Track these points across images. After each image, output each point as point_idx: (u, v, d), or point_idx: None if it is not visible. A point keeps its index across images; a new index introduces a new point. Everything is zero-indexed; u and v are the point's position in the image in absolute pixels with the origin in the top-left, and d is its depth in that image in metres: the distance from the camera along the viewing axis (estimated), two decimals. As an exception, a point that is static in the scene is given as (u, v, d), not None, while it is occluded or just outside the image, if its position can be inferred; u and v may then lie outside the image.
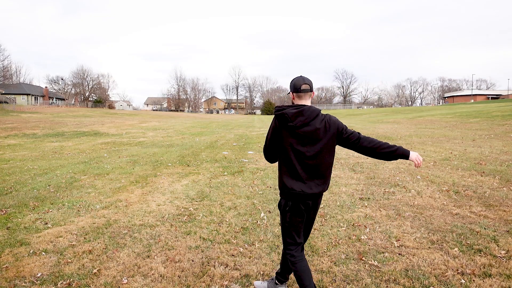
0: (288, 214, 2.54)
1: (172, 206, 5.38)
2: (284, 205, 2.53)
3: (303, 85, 2.51)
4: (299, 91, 2.52)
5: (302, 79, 2.54)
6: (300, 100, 2.54)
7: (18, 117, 30.69)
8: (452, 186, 6.23)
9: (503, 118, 19.95)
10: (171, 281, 3.11)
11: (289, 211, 2.53)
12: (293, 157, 2.47)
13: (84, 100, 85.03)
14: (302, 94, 2.53)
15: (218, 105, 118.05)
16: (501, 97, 70.44)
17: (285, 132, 2.46)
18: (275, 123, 2.51)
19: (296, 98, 2.56)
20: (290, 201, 2.51)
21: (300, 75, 2.57)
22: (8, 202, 5.67)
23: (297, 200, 2.50)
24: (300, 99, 2.54)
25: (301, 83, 2.51)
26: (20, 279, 3.16)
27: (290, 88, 2.58)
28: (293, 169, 2.48)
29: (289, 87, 2.61)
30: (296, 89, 2.52)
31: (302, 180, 2.48)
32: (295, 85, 2.53)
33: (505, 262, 3.31)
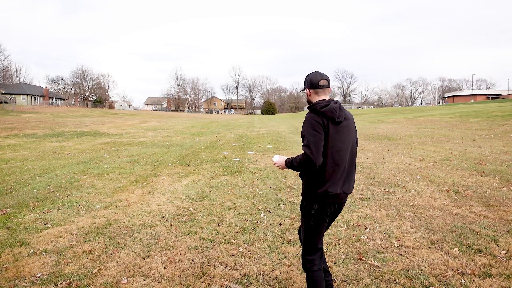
0: (313, 218, 2.37)
1: (172, 206, 5.38)
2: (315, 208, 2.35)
3: (321, 81, 2.39)
4: (318, 87, 2.38)
5: (319, 74, 2.41)
6: (318, 96, 2.40)
7: (18, 117, 30.69)
8: (452, 186, 6.23)
9: (503, 118, 19.95)
10: (171, 281, 3.11)
11: (317, 214, 2.36)
12: (336, 156, 2.31)
13: (84, 100, 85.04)
14: (321, 90, 2.40)
15: (218, 105, 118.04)
16: (501, 97, 70.43)
17: (332, 129, 2.28)
18: (322, 120, 2.28)
19: (313, 94, 2.41)
20: (318, 204, 2.34)
21: (316, 71, 2.45)
22: (8, 202, 5.67)
23: (329, 202, 2.35)
24: (318, 95, 2.40)
25: (318, 79, 2.39)
26: (20, 279, 3.16)
27: (306, 84, 2.45)
28: (335, 169, 2.32)
29: (304, 83, 2.49)
30: (314, 84, 2.39)
31: (343, 180, 2.36)
32: (312, 80, 2.40)
33: (505, 262, 3.31)
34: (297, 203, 5.42)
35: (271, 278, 3.13)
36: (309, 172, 2.33)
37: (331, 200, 2.35)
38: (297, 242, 3.91)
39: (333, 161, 2.30)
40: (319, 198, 2.33)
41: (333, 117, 2.28)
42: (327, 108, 2.29)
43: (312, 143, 2.21)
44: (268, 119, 45.80)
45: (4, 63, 67.67)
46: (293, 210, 5.06)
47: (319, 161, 2.21)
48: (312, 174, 2.32)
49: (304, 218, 2.43)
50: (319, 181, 2.31)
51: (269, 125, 29.32)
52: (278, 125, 28.97)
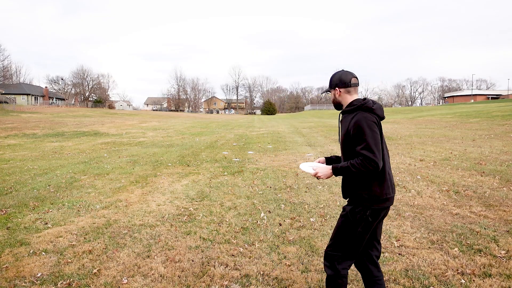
0: (364, 224, 2.20)
1: (172, 206, 5.38)
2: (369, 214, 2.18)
3: (353, 79, 2.28)
4: (350, 85, 2.27)
5: (349, 73, 2.30)
6: (351, 95, 2.29)
7: (18, 117, 30.69)
8: (452, 186, 6.23)
9: (503, 118, 19.94)
10: (171, 281, 3.11)
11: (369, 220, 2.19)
12: (386, 156, 2.21)
13: (84, 100, 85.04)
14: (352, 89, 2.28)
15: (218, 105, 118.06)
16: (501, 97, 70.42)
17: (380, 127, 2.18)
18: (376, 119, 2.16)
19: (345, 93, 2.29)
20: (372, 209, 2.18)
21: (342, 69, 2.34)
22: (8, 202, 5.67)
23: (384, 207, 2.22)
24: (351, 94, 2.29)
25: (349, 77, 2.28)
26: (20, 279, 3.16)
27: (335, 83, 2.32)
28: (385, 170, 2.20)
29: (330, 83, 2.36)
30: (346, 83, 2.27)
31: (392, 182, 2.24)
32: (342, 79, 2.28)
33: (505, 262, 3.31)
34: (297, 203, 5.42)
35: (271, 278, 3.13)
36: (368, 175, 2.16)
37: (387, 204, 2.22)
38: (297, 242, 3.91)
39: (385, 161, 2.20)
40: (377, 202, 2.18)
41: (382, 115, 2.21)
42: (376, 105, 2.19)
43: (374, 144, 2.07)
44: (268, 119, 45.81)
45: (4, 63, 67.74)
46: (293, 210, 5.06)
47: (381, 164, 2.09)
48: (369, 177, 2.17)
49: (351, 225, 2.22)
50: (377, 184, 2.17)
51: (269, 125, 29.32)
52: (278, 125, 28.97)
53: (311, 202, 5.45)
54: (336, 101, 2.36)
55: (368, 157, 2.05)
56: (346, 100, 2.30)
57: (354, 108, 2.21)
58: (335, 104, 2.39)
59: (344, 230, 2.26)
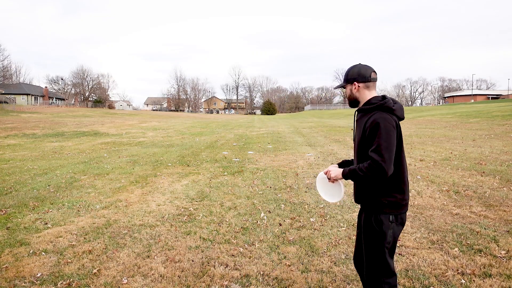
0: (391, 232, 2.02)
1: (172, 206, 5.38)
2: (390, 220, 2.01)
3: (373, 73, 2.12)
4: (370, 80, 2.11)
5: (369, 67, 2.13)
6: (369, 91, 2.13)
7: (18, 117, 30.69)
8: (452, 186, 6.23)
9: (503, 118, 19.94)
10: (171, 281, 3.11)
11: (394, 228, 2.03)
12: (404, 159, 2.08)
13: (84, 100, 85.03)
14: (372, 84, 2.12)
15: (218, 105, 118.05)
16: (501, 97, 70.41)
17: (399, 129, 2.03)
18: (395, 121, 2.01)
19: (363, 89, 2.12)
20: (394, 215, 2.02)
21: (359, 63, 2.17)
22: (8, 202, 5.67)
23: (404, 212, 2.06)
24: (370, 90, 2.13)
25: (369, 71, 2.11)
26: (20, 279, 3.16)
27: (353, 78, 2.14)
28: (405, 174, 2.06)
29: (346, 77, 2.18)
30: (366, 77, 2.10)
31: (408, 186, 2.09)
32: (362, 73, 2.11)
33: (505, 262, 3.31)
34: (297, 203, 5.42)
35: (271, 278, 3.13)
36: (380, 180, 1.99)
37: (405, 210, 2.07)
38: (297, 242, 3.91)
39: (401, 165, 2.05)
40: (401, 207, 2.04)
41: (402, 116, 2.07)
42: (397, 105, 2.03)
43: (385, 149, 1.89)
44: (268, 119, 45.80)
45: (4, 63, 67.66)
46: (293, 210, 5.06)
47: (391, 171, 1.90)
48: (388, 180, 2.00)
49: (378, 236, 2.02)
50: (396, 188, 2.02)
51: (269, 125, 29.32)
52: (278, 125, 28.96)
53: (311, 202, 5.44)
54: (353, 97, 2.18)
55: (376, 162, 1.88)
56: (364, 97, 2.13)
57: (373, 107, 2.04)
58: (351, 100, 2.20)
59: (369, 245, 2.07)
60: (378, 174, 1.90)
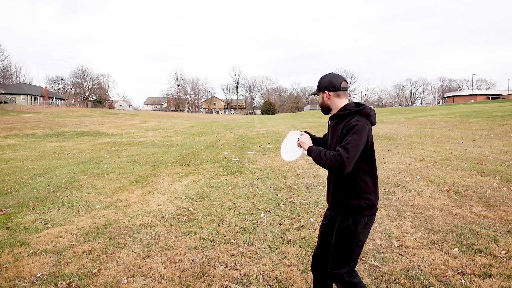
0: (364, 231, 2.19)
1: (172, 206, 5.38)
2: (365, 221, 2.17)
3: (343, 82, 2.23)
4: (340, 89, 2.22)
5: (340, 76, 2.25)
6: (340, 99, 2.24)
7: (18, 117, 30.69)
8: (452, 186, 6.23)
9: (503, 118, 19.94)
10: (171, 281, 3.11)
11: (366, 228, 2.20)
12: (375, 163, 2.20)
13: (84, 100, 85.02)
14: (342, 93, 2.24)
15: (218, 105, 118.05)
16: (501, 97, 70.42)
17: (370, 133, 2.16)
18: (369, 125, 2.15)
19: (334, 97, 2.24)
20: (368, 217, 2.18)
21: (332, 72, 2.29)
22: (8, 202, 5.67)
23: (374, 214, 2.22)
24: (340, 98, 2.24)
25: (340, 80, 2.23)
26: (20, 279, 3.16)
27: (324, 86, 2.25)
28: (376, 177, 2.21)
29: (318, 85, 2.30)
30: (336, 86, 2.22)
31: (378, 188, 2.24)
32: (333, 82, 2.22)
33: (505, 262, 3.31)
34: (297, 203, 5.42)
35: (271, 278, 3.13)
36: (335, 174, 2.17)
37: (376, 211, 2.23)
38: (297, 242, 3.91)
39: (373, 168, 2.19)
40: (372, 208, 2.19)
41: (375, 123, 2.21)
42: (372, 112, 2.18)
43: (353, 148, 2.01)
44: (268, 119, 45.80)
45: (4, 63, 67.63)
46: (293, 210, 5.06)
47: (348, 170, 2.02)
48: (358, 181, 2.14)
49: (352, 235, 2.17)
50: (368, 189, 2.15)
51: (269, 125, 29.32)
52: (278, 125, 28.96)
53: (311, 202, 5.44)
54: (325, 105, 2.30)
55: (342, 157, 1.99)
56: (336, 104, 2.25)
57: (350, 113, 2.16)
58: (323, 107, 2.33)
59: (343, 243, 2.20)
60: (338, 168, 2.02)
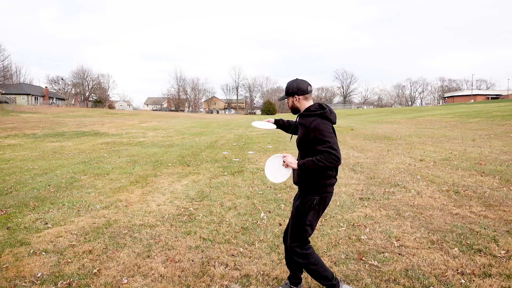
0: (318, 210, 2.61)
1: (172, 206, 5.38)
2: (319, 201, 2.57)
3: (309, 86, 2.62)
4: (308, 92, 2.62)
5: (305, 81, 2.63)
6: (307, 101, 2.63)
7: (18, 117, 30.69)
8: (452, 186, 6.23)
9: (503, 118, 19.94)
10: (171, 281, 3.11)
11: (321, 207, 2.61)
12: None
13: (84, 100, 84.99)
14: (309, 95, 2.63)
15: (218, 105, 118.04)
16: (501, 97, 70.45)
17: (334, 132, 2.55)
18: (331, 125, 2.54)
19: (303, 100, 2.62)
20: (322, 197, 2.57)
21: (296, 78, 2.67)
22: (8, 202, 5.67)
23: (329, 195, 2.62)
24: (308, 100, 2.63)
25: (306, 85, 2.61)
26: (20, 279, 3.16)
27: (293, 91, 2.61)
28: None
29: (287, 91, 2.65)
30: (304, 90, 2.60)
31: (336, 174, 2.66)
32: (301, 87, 2.60)
33: (505, 262, 3.31)
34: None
35: (271, 278, 3.13)
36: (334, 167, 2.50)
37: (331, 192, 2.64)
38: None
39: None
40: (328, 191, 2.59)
41: (335, 122, 2.58)
42: (332, 114, 2.55)
43: (334, 143, 2.41)
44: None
45: (4, 63, 67.69)
46: (293, 210, 5.06)
47: (341, 160, 2.45)
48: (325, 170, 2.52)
49: (304, 213, 2.59)
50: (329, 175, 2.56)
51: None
52: (278, 125, 28.94)
53: (311, 202, 5.44)
54: (295, 107, 2.66)
55: (332, 153, 2.36)
56: (304, 106, 2.62)
57: (313, 114, 2.52)
58: (293, 109, 2.69)
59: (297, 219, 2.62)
60: (335, 162, 2.38)
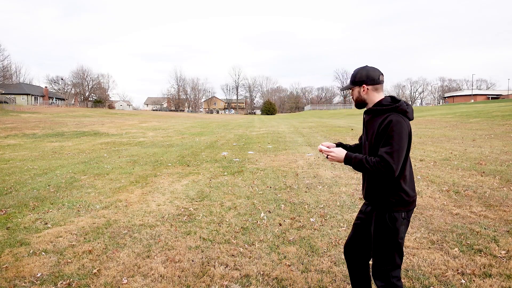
0: (403, 228, 2.11)
1: (172, 206, 5.38)
2: (402, 217, 2.10)
3: (381, 76, 2.15)
4: (379, 82, 2.14)
5: (377, 69, 2.16)
6: (378, 93, 2.15)
7: (18, 117, 30.69)
8: (452, 186, 6.23)
9: (503, 118, 19.94)
10: (171, 281, 3.11)
11: (405, 224, 2.12)
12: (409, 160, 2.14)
13: (84, 100, 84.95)
14: (380, 86, 2.15)
15: (218, 105, 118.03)
16: (501, 97, 70.41)
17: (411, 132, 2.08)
18: (409, 124, 2.07)
19: (372, 91, 2.15)
20: (406, 212, 2.11)
21: (366, 65, 2.19)
22: (8, 202, 5.67)
23: (412, 209, 2.15)
24: (378, 92, 2.15)
25: (378, 73, 2.14)
26: (20, 279, 3.16)
27: (361, 80, 2.15)
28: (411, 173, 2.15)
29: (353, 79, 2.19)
30: (375, 80, 2.13)
31: (414, 183, 2.18)
32: (371, 75, 2.13)
33: (505, 262, 3.31)
34: (297, 203, 5.42)
35: (271, 278, 3.13)
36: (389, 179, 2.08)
37: (413, 207, 2.17)
38: (297, 242, 3.91)
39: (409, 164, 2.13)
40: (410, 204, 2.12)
41: (412, 118, 2.13)
42: (409, 108, 2.09)
43: (397, 151, 1.96)
44: (268, 119, 45.79)
45: (4, 63, 67.57)
46: (293, 210, 5.06)
47: (397, 172, 1.98)
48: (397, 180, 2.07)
49: (393, 232, 2.10)
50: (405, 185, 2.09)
51: (269, 125, 29.31)
52: (278, 125, 28.95)
53: (311, 202, 5.44)
54: (361, 99, 2.19)
55: (387, 161, 1.95)
56: (373, 99, 2.16)
57: (387, 109, 2.07)
58: (359, 101, 2.22)
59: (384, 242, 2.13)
60: (386, 173, 1.98)
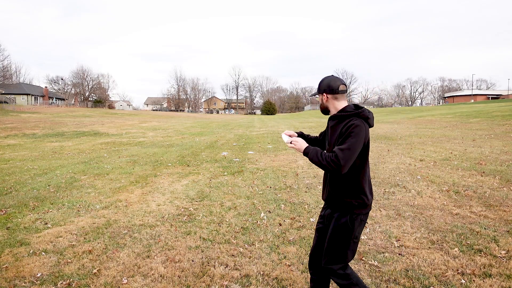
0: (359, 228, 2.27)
1: (172, 206, 5.38)
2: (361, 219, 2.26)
3: (341, 86, 2.28)
4: (338, 92, 2.28)
5: (338, 79, 2.29)
6: (338, 101, 2.30)
7: (18, 117, 30.68)
8: (452, 186, 6.23)
9: (503, 118, 19.94)
10: (171, 281, 3.11)
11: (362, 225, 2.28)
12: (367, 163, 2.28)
13: (84, 100, 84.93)
14: (340, 96, 2.29)
15: (218, 105, 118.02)
16: (501, 97, 70.42)
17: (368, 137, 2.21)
18: (367, 129, 2.21)
19: (332, 100, 2.30)
20: (364, 214, 2.27)
21: (332, 75, 2.34)
22: (8, 202, 5.67)
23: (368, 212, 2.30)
24: (338, 100, 2.29)
25: (338, 83, 2.28)
26: (20, 279, 3.16)
27: (323, 89, 2.31)
28: (369, 177, 2.32)
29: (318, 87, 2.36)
30: (334, 89, 2.27)
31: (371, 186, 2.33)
32: (331, 85, 2.28)
33: (505, 262, 3.31)
34: (297, 203, 5.42)
35: (271, 278, 3.13)
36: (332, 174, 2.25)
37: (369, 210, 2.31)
38: (297, 242, 3.91)
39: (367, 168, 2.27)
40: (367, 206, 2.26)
41: (372, 125, 2.28)
42: (371, 115, 2.25)
43: (349, 152, 2.08)
44: (268, 119, 45.78)
45: (4, 63, 67.54)
46: (293, 210, 5.06)
47: (345, 171, 2.10)
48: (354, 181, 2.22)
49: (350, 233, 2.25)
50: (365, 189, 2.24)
51: (269, 125, 29.31)
52: (278, 125, 28.95)
53: (311, 202, 5.44)
54: (323, 106, 2.37)
55: (338, 158, 2.06)
56: (334, 106, 2.31)
57: (350, 115, 2.22)
58: (322, 108, 2.41)
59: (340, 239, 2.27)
60: (335, 170, 2.10)
